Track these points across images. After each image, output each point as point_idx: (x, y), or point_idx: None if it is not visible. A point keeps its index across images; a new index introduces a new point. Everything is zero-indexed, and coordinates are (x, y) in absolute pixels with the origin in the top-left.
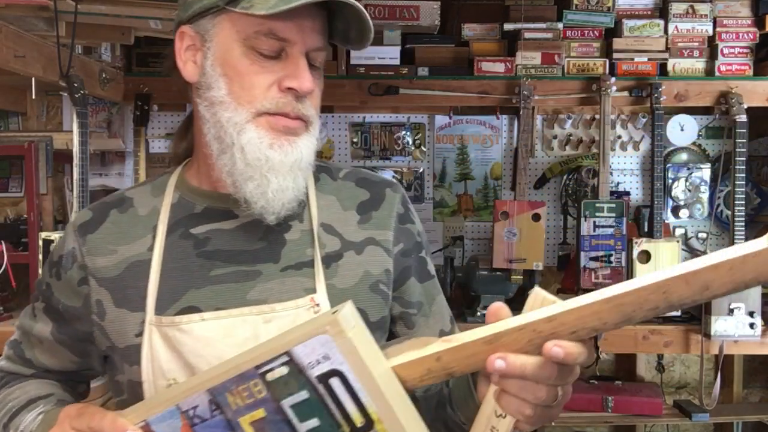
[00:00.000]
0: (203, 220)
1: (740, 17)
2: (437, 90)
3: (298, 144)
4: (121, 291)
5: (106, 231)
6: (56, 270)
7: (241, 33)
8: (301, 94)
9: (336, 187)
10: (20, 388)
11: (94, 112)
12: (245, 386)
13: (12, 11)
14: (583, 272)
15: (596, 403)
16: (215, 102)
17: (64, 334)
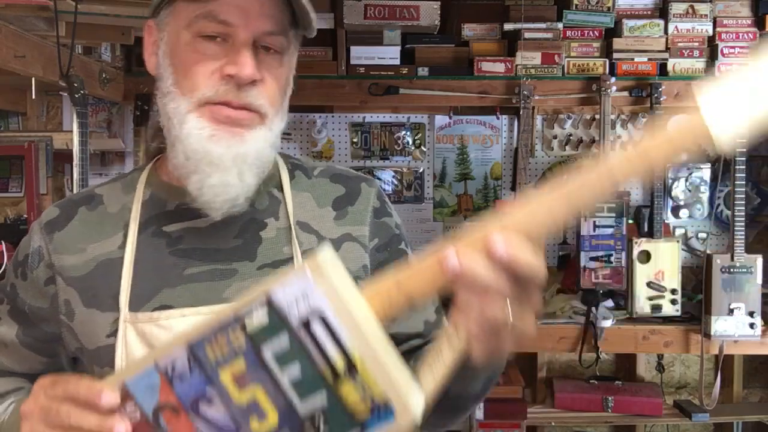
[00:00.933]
0: (176, 217)
1: (740, 17)
2: (437, 90)
3: (245, 137)
4: (90, 290)
5: (75, 229)
6: (22, 270)
7: (185, 19)
8: (241, 81)
9: (311, 184)
10: None
11: (94, 112)
12: (225, 336)
13: (12, 11)
14: (583, 272)
15: (596, 403)
16: (164, 93)
17: (30, 336)
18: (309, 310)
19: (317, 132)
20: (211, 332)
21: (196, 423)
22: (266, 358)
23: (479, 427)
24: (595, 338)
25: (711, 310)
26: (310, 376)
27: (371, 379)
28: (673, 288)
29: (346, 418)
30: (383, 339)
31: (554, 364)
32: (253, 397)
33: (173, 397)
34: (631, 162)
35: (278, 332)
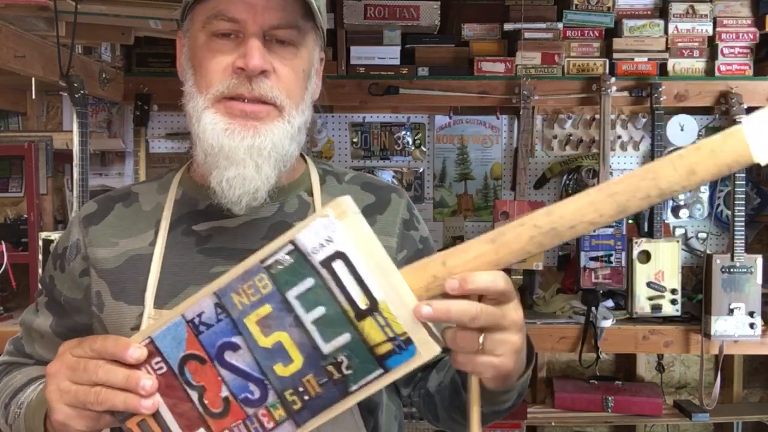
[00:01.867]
0: (206, 217)
1: (740, 17)
2: (437, 90)
3: (260, 129)
4: (119, 284)
5: (109, 224)
6: (60, 262)
7: (200, 22)
8: (249, 72)
9: (341, 189)
10: (21, 372)
11: (94, 112)
12: (250, 283)
13: (12, 11)
14: (583, 272)
15: (596, 403)
16: (186, 95)
17: (63, 327)
18: (332, 251)
19: (317, 132)
20: (237, 280)
21: (221, 371)
22: (291, 300)
23: None
24: (595, 338)
25: (711, 310)
26: (333, 316)
27: (392, 318)
28: (673, 288)
29: (369, 357)
30: (401, 280)
31: (554, 364)
32: (278, 341)
33: (199, 347)
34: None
35: (303, 274)
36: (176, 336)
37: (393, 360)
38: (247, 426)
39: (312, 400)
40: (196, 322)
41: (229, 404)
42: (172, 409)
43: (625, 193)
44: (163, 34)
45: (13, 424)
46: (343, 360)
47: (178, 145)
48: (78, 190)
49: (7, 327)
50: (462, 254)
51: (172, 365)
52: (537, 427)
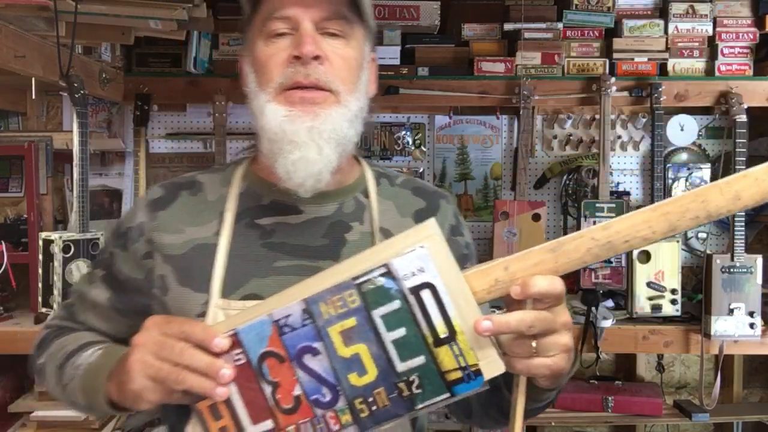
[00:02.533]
0: (270, 212)
1: (740, 17)
2: (437, 90)
3: (318, 113)
4: (185, 270)
5: (176, 210)
6: (122, 241)
7: (258, 29)
8: (304, 58)
9: (394, 192)
10: (73, 336)
11: (94, 112)
12: (340, 296)
13: (12, 11)
14: (583, 272)
15: (596, 403)
16: (249, 96)
17: (121, 304)
18: (422, 281)
19: None
20: (327, 292)
21: (298, 371)
22: (376, 319)
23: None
24: (595, 338)
25: (711, 310)
26: (412, 339)
27: (467, 348)
28: (673, 288)
29: (439, 381)
30: (477, 309)
31: None
32: (357, 353)
33: (281, 346)
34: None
35: (391, 297)
36: (260, 333)
37: (460, 387)
38: (313, 425)
39: (379, 410)
40: (281, 323)
41: (299, 402)
42: (243, 398)
43: (677, 213)
44: (163, 34)
45: (68, 384)
46: (414, 380)
47: (178, 145)
48: (78, 190)
49: (7, 327)
50: (523, 261)
51: (251, 358)
52: (537, 427)
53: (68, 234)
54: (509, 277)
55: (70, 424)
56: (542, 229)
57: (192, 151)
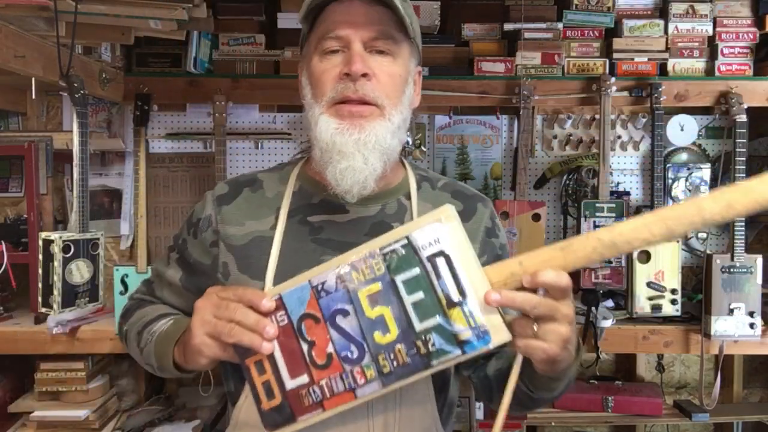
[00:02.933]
0: (319, 210)
1: (740, 17)
2: (437, 90)
3: (365, 126)
4: (245, 259)
5: (238, 205)
6: (194, 230)
7: (314, 45)
8: (353, 76)
9: (434, 195)
10: (152, 307)
11: (94, 112)
12: (368, 264)
13: (12, 11)
14: (583, 272)
15: (596, 403)
16: (306, 106)
17: (190, 284)
18: (438, 249)
19: None
20: (358, 260)
21: (331, 331)
22: (398, 284)
23: (479, 427)
24: (595, 338)
25: (711, 310)
26: (429, 302)
27: (476, 310)
28: (673, 288)
29: (451, 338)
30: (485, 280)
31: None
32: (381, 314)
33: (317, 308)
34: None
35: (411, 264)
36: (301, 297)
37: (470, 345)
38: (342, 379)
39: (399, 366)
40: (319, 288)
41: (331, 359)
42: (284, 355)
43: (675, 219)
44: (163, 34)
45: (144, 348)
46: (430, 338)
47: (178, 145)
48: (78, 190)
49: (7, 327)
50: (536, 257)
51: (292, 319)
52: (537, 427)
53: (68, 234)
54: (523, 271)
55: (70, 424)
56: (542, 229)
57: (192, 151)
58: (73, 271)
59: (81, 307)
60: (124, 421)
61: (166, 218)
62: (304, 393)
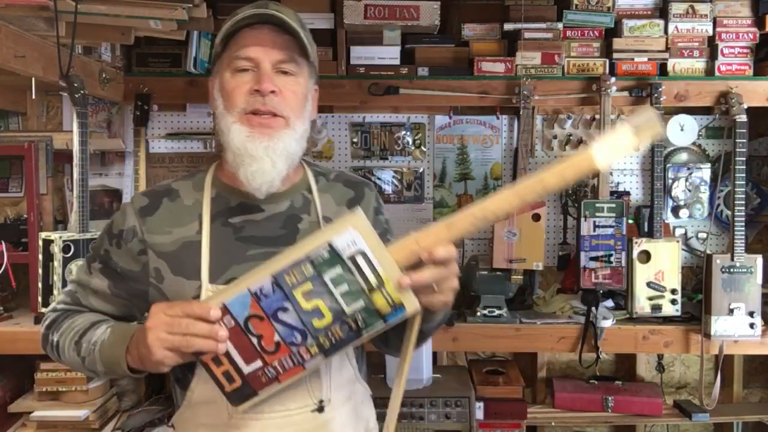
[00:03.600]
0: (238, 212)
1: (740, 17)
2: (437, 90)
3: (273, 135)
4: (177, 263)
5: (161, 216)
6: (117, 241)
7: (226, 63)
8: (262, 92)
9: (330, 186)
10: (82, 316)
11: (94, 112)
12: (298, 269)
13: (12, 11)
14: (583, 272)
15: (596, 403)
16: (217, 115)
17: (120, 290)
18: (356, 250)
19: (317, 132)
20: (288, 266)
21: (275, 324)
22: (326, 280)
23: (479, 427)
24: (595, 338)
25: (711, 310)
26: (354, 290)
27: (392, 291)
28: (673, 288)
29: (375, 314)
30: (395, 265)
31: (554, 364)
32: (316, 305)
33: (259, 309)
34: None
35: (335, 264)
36: (243, 302)
37: (390, 316)
38: (292, 357)
39: (337, 341)
40: (258, 294)
41: (279, 346)
42: (237, 349)
43: (525, 190)
44: (163, 34)
45: (87, 357)
46: (359, 317)
47: (178, 145)
48: (78, 190)
49: (7, 327)
50: (428, 236)
51: (239, 321)
52: (537, 427)
53: (68, 234)
54: (420, 249)
55: (70, 424)
56: (542, 229)
57: (192, 151)
58: (73, 271)
59: None
60: (124, 421)
61: None
62: (260, 373)
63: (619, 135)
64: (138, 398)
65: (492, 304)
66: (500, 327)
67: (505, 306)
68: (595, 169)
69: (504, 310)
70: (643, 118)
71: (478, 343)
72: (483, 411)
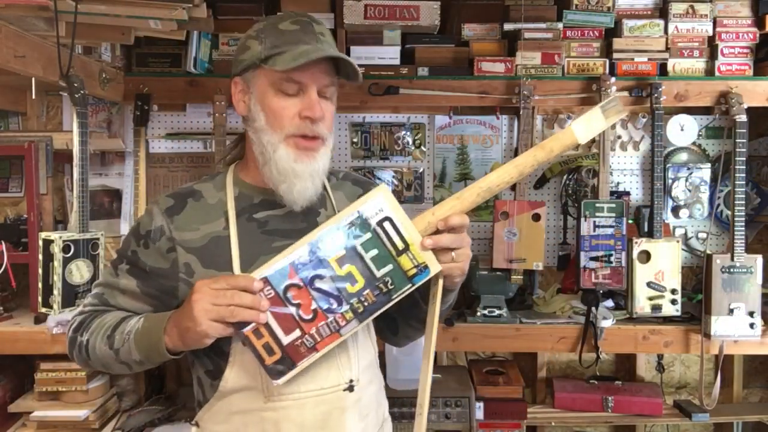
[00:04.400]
0: (261, 208)
1: (740, 17)
2: (437, 90)
3: (316, 158)
4: (208, 256)
5: (188, 214)
6: (144, 241)
7: (271, 81)
8: (314, 120)
9: (340, 185)
10: (111, 314)
11: (94, 112)
12: (331, 237)
13: (12, 11)
14: (583, 272)
15: (596, 403)
16: (258, 129)
17: (149, 287)
18: (383, 216)
19: None
20: (323, 234)
21: (312, 292)
22: (357, 247)
23: (479, 427)
24: (595, 338)
25: (711, 310)
26: (383, 255)
27: (417, 253)
28: (673, 288)
29: (404, 277)
30: (416, 230)
31: (554, 364)
32: (349, 271)
33: (297, 278)
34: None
35: (365, 231)
36: (282, 272)
37: (417, 278)
38: (328, 325)
39: (370, 305)
40: (295, 263)
41: (316, 313)
42: (276, 319)
43: (521, 164)
44: (163, 34)
45: (121, 347)
46: (389, 280)
47: (178, 145)
48: (78, 190)
49: (7, 327)
50: (442, 207)
51: (278, 291)
52: (537, 427)
53: (68, 234)
54: (436, 219)
55: (70, 424)
56: (542, 228)
57: (192, 151)
58: (73, 271)
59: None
60: (124, 421)
61: None
62: (299, 343)
63: (592, 115)
64: (138, 398)
65: (492, 304)
66: (500, 327)
67: (505, 306)
68: (576, 142)
69: (504, 310)
70: (610, 102)
71: (478, 343)
72: (483, 411)
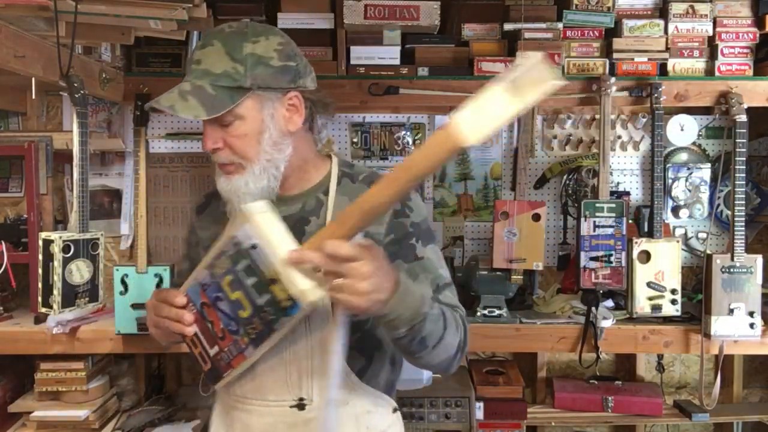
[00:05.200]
0: None
1: (740, 17)
2: (437, 90)
3: (231, 180)
4: None
5: (207, 214)
6: (187, 235)
7: None
8: (211, 152)
9: (353, 188)
10: None
11: (94, 112)
12: (221, 261)
13: (12, 11)
14: (583, 272)
15: (596, 403)
16: None
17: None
18: (252, 243)
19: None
20: (214, 258)
21: (217, 312)
22: (239, 272)
23: (479, 427)
24: (595, 338)
25: (711, 310)
26: (260, 283)
27: (289, 284)
28: (673, 288)
29: (279, 308)
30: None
31: (554, 364)
32: (238, 297)
33: (206, 298)
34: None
35: (243, 257)
36: (194, 291)
37: (291, 309)
38: (235, 345)
39: (258, 333)
40: (203, 283)
41: (225, 333)
42: (202, 333)
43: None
44: (163, 34)
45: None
46: (268, 310)
47: (178, 145)
48: (78, 190)
49: (7, 327)
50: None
51: (198, 308)
52: (537, 427)
53: (68, 234)
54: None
55: (70, 424)
56: (542, 229)
57: (192, 151)
58: (73, 271)
59: (81, 307)
60: (124, 421)
61: (166, 218)
62: (219, 357)
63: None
64: (138, 398)
65: (492, 304)
66: (500, 327)
67: (505, 306)
68: (462, 148)
69: (504, 310)
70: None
71: (478, 343)
72: (483, 411)
